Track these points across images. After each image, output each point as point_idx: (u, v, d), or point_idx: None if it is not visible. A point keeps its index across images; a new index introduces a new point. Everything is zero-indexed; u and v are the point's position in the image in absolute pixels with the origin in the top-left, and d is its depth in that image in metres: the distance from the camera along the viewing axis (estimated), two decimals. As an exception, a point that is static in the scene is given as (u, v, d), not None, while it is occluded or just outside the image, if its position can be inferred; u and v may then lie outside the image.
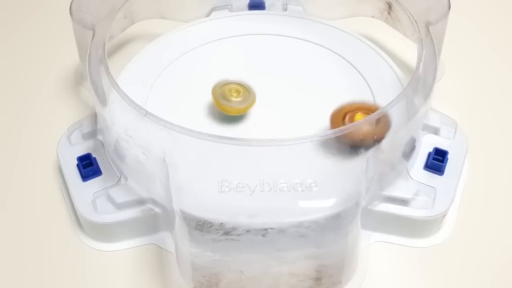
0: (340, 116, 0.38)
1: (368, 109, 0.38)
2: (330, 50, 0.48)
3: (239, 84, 0.43)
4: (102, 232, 0.40)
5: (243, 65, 0.47)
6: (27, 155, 0.46)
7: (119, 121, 0.38)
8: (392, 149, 0.39)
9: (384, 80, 0.45)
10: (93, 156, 0.42)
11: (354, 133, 0.36)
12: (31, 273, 0.40)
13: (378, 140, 0.36)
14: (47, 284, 0.39)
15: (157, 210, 0.39)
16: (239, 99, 0.42)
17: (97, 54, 0.41)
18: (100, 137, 0.43)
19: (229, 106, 0.42)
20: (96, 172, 0.41)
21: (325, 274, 0.36)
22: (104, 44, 0.42)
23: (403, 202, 0.40)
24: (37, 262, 0.40)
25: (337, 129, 0.36)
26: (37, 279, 0.39)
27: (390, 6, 0.48)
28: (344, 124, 0.38)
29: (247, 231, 0.34)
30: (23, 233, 0.41)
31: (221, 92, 0.42)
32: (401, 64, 0.48)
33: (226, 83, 0.43)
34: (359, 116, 0.38)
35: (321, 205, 0.35)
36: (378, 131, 0.36)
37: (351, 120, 0.38)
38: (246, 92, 0.43)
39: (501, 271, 0.40)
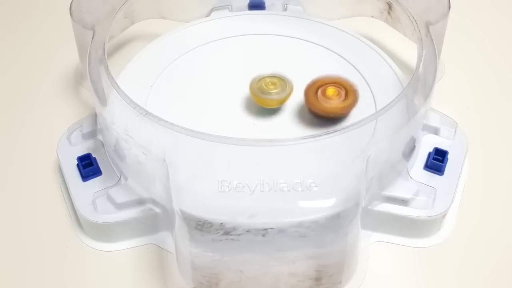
0: (314, 90, 0.42)
1: (339, 84, 0.42)
2: (330, 50, 0.48)
3: (274, 76, 0.43)
4: (102, 232, 0.40)
5: (243, 65, 0.47)
6: (27, 155, 0.46)
7: (119, 121, 0.38)
8: (392, 149, 0.39)
9: (384, 80, 0.45)
10: (93, 156, 0.42)
11: (325, 107, 0.41)
12: (31, 273, 0.40)
13: (345, 115, 0.42)
14: (47, 284, 0.39)
15: (157, 210, 0.39)
16: (276, 90, 0.43)
17: (97, 54, 0.41)
18: (100, 137, 0.43)
19: (268, 98, 0.42)
20: (96, 172, 0.41)
21: (325, 274, 0.37)
22: (104, 44, 0.42)
23: (403, 202, 0.40)
24: (37, 262, 0.40)
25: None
26: (37, 279, 0.39)
27: (390, 6, 0.48)
28: (316, 97, 0.41)
29: (247, 231, 0.34)
30: (23, 233, 0.41)
31: (258, 86, 0.43)
32: (401, 64, 0.48)
33: (262, 78, 0.43)
34: (330, 90, 0.41)
35: (321, 205, 0.35)
36: (346, 106, 0.41)
37: (323, 93, 0.42)
38: (283, 83, 0.43)
39: (501, 271, 0.40)
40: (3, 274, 0.40)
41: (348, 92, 0.42)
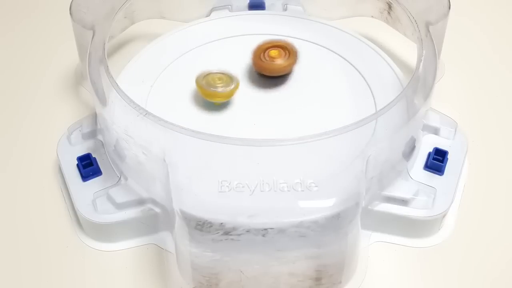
0: (259, 52, 0.45)
1: (280, 46, 0.45)
2: (330, 50, 0.48)
3: (221, 72, 0.44)
4: (102, 232, 0.40)
5: (243, 65, 0.47)
6: (27, 155, 0.46)
7: (119, 121, 0.38)
8: (392, 149, 0.39)
9: (384, 80, 0.45)
10: (93, 156, 0.42)
11: (270, 66, 0.45)
12: (31, 273, 0.40)
13: (288, 72, 0.46)
14: (47, 284, 0.39)
15: (157, 210, 0.39)
16: (223, 84, 0.43)
17: (97, 54, 0.41)
18: (100, 137, 0.43)
19: (216, 92, 0.43)
20: (96, 172, 0.41)
21: (325, 274, 0.36)
22: (104, 44, 0.42)
23: (403, 202, 0.40)
24: (37, 262, 0.40)
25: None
26: (37, 279, 0.39)
27: (390, 6, 0.48)
28: (261, 58, 0.45)
29: (247, 231, 0.34)
30: (23, 233, 0.41)
31: (206, 81, 0.43)
32: (401, 64, 0.48)
33: (208, 73, 0.44)
34: (273, 52, 0.45)
35: (321, 205, 0.35)
36: (288, 64, 0.45)
37: (267, 55, 0.45)
38: (229, 79, 0.44)
39: (501, 271, 0.40)
40: (3, 274, 0.40)
41: (290, 52, 0.45)
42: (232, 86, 0.43)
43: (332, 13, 0.51)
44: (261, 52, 0.45)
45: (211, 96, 0.43)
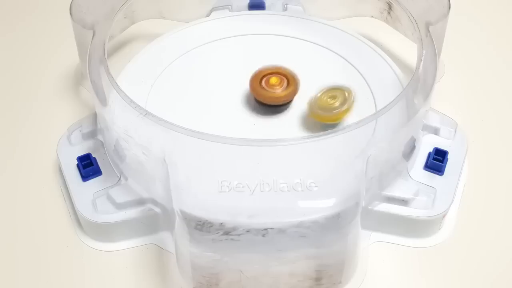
0: (258, 79, 0.43)
1: (281, 73, 0.44)
2: (330, 50, 0.48)
3: (334, 88, 0.42)
4: (102, 232, 0.40)
5: (243, 65, 0.47)
6: (27, 155, 0.46)
7: (119, 121, 0.38)
8: (392, 149, 0.39)
9: (384, 80, 0.45)
10: (93, 156, 0.42)
11: (270, 95, 0.43)
12: (31, 273, 0.40)
13: (288, 101, 0.44)
14: (47, 284, 0.39)
15: (157, 210, 0.39)
16: (338, 103, 0.42)
17: (97, 54, 0.41)
18: (100, 137, 0.43)
19: (330, 115, 0.41)
20: (96, 172, 0.41)
21: (325, 274, 0.37)
22: (104, 44, 0.42)
23: (403, 202, 0.40)
24: (37, 262, 0.40)
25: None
26: (37, 279, 0.39)
27: (390, 6, 0.48)
28: (261, 86, 0.43)
29: (247, 231, 0.34)
30: (23, 233, 0.41)
31: (318, 104, 0.42)
32: (401, 64, 0.48)
33: (321, 92, 0.42)
34: (273, 80, 0.43)
35: (321, 205, 0.35)
36: (288, 94, 0.43)
37: (267, 83, 0.43)
38: (343, 94, 0.42)
39: (501, 271, 0.40)
40: (3, 274, 0.40)
41: (290, 80, 0.43)
42: (347, 104, 0.41)
43: (332, 13, 0.51)
44: (260, 78, 0.43)
45: (331, 120, 0.41)
